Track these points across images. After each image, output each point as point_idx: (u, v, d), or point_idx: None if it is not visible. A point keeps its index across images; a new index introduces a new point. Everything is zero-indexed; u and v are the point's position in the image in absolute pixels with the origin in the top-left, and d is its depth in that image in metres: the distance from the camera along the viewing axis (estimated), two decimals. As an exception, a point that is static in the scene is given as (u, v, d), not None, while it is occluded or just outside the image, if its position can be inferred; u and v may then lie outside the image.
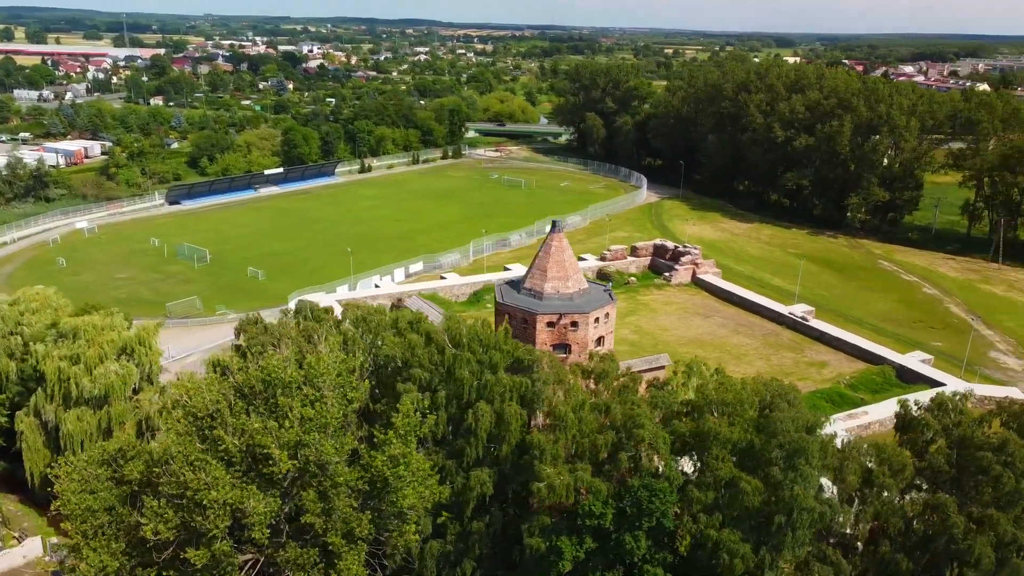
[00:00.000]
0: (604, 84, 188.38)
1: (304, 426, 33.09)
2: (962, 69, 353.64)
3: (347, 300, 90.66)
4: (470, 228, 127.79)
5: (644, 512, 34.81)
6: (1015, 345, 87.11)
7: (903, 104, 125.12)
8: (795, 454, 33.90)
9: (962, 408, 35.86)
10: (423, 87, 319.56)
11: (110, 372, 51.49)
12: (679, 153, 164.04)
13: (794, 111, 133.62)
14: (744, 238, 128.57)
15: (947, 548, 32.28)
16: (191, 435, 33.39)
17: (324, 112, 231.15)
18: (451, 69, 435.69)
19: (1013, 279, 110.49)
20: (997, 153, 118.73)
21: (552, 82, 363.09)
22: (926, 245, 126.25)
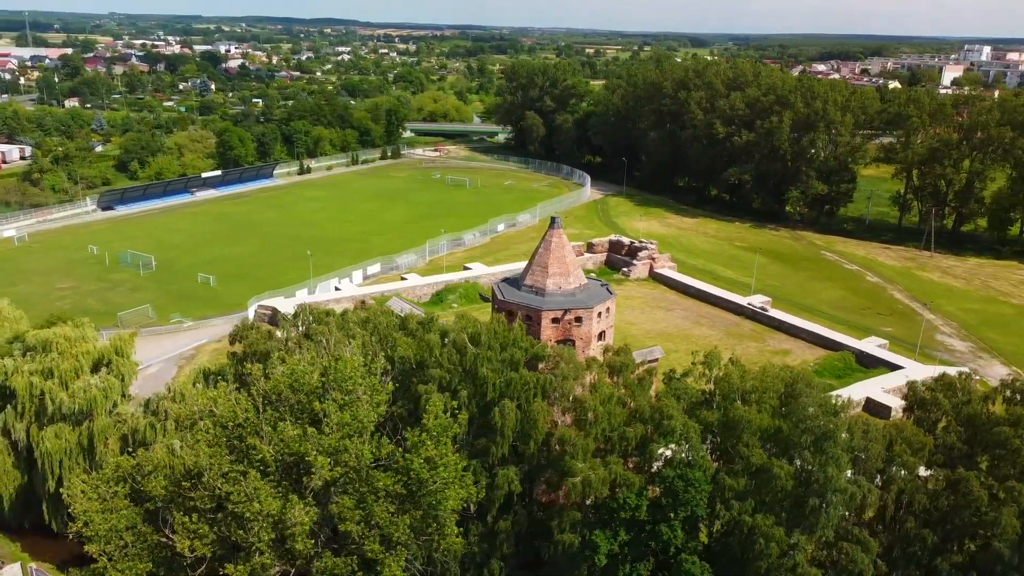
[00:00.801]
0: (542, 83, 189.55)
1: (342, 431, 32.22)
2: (872, 67, 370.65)
3: (310, 304, 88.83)
4: (421, 228, 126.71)
5: (680, 502, 35.19)
6: (958, 328, 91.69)
7: (837, 100, 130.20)
8: (823, 437, 34.86)
9: (969, 387, 37.65)
10: (351, 87, 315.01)
11: (91, 385, 48.86)
12: (620, 150, 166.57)
13: (734, 108, 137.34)
14: (691, 232, 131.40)
15: (970, 521, 33.82)
16: (221, 446, 32.05)
17: (254, 113, 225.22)
18: (376, 69, 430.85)
19: (946, 266, 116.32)
20: (925, 147, 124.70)
21: (480, 81, 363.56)
22: (861, 235, 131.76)
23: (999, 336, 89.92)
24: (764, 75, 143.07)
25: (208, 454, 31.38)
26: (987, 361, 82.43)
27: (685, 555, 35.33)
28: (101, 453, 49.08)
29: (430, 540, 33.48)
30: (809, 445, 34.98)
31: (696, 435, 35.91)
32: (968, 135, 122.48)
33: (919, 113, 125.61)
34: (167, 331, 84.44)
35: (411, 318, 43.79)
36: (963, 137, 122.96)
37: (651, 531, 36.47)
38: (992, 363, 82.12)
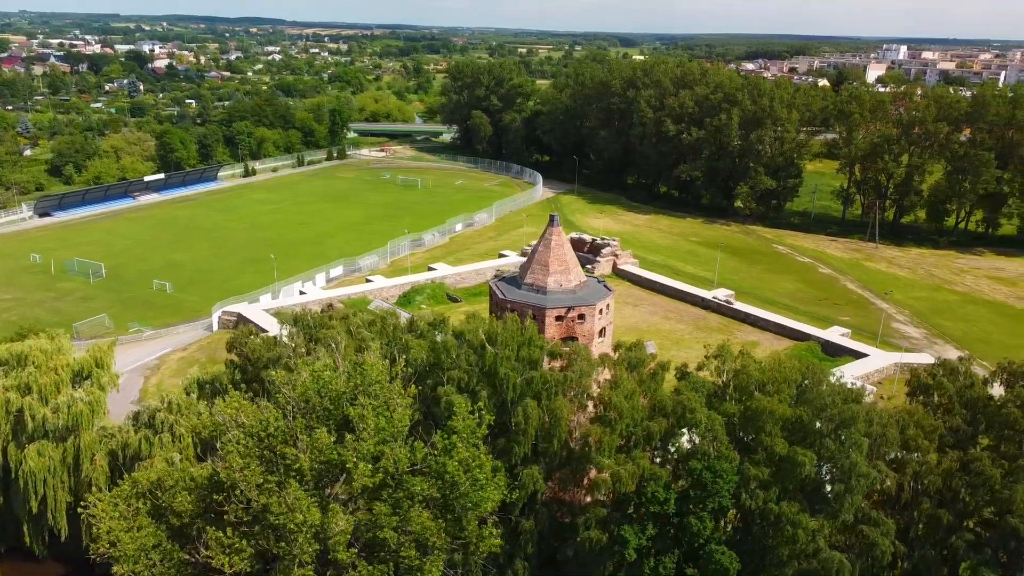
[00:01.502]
0: (487, 82, 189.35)
1: (379, 436, 31.56)
2: (800, 66, 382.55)
3: (276, 309, 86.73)
4: (377, 229, 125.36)
5: (709, 493, 35.64)
6: (910, 316, 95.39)
7: (783, 98, 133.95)
8: (843, 424, 35.80)
9: (970, 372, 39.25)
10: (286, 87, 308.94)
11: (76, 400, 46.58)
12: (569, 148, 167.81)
13: (683, 106, 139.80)
14: (646, 229, 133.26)
15: (984, 499, 35.27)
16: (252, 457, 30.96)
17: (190, 114, 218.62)
18: (309, 69, 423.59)
19: (891, 256, 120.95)
20: (867, 142, 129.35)
21: (419, 81, 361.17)
22: (808, 228, 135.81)
23: (948, 322, 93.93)
24: (711, 73, 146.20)
25: (241, 465, 30.29)
26: (941, 347, 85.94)
27: (714, 546, 35.80)
28: (87, 470, 46.91)
29: (467, 543, 33.04)
30: (830, 432, 35.88)
31: (721, 427, 36.41)
32: (907, 130, 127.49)
33: (860, 110, 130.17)
34: (127, 341, 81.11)
35: (420, 319, 43.12)
36: (902, 132, 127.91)
37: (679, 523, 36.86)
38: (946, 348, 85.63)
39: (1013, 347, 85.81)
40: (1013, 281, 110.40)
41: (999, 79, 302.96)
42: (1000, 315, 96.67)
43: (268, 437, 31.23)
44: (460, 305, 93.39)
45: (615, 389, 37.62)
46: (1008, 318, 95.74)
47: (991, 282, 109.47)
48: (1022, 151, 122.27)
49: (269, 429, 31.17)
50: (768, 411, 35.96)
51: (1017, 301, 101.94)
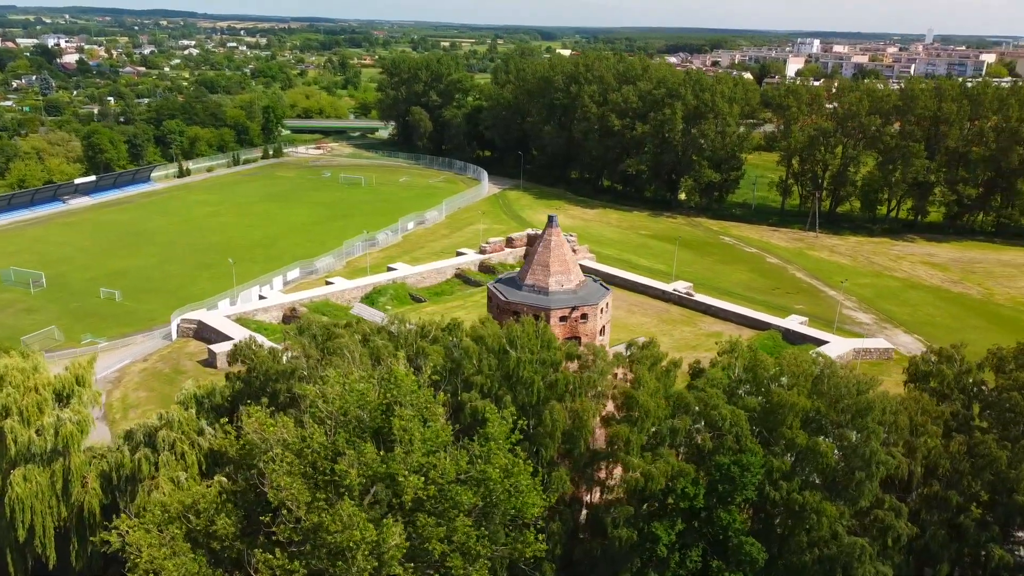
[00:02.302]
0: (426, 78, 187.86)
1: (425, 447, 31.17)
2: (722, 60, 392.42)
3: (237, 315, 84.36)
4: (328, 229, 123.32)
5: (736, 487, 36.53)
6: (858, 302, 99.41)
7: (724, 92, 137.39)
8: (860, 413, 37.21)
9: (965, 359, 41.33)
10: (208, 83, 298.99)
11: (63, 421, 44.24)
12: (512, 144, 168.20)
13: (627, 101, 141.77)
14: (596, 223, 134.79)
15: (990, 480, 37.27)
16: (296, 475, 30.13)
17: (112, 112, 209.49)
18: (230, 64, 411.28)
19: (832, 245, 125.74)
20: (805, 135, 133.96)
21: (346, 76, 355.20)
22: (750, 219, 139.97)
23: (893, 307, 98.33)
24: (653, 69, 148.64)
25: (288, 484, 29.45)
26: (891, 331, 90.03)
27: (744, 538, 36.72)
28: (78, 494, 44.69)
29: (512, 549, 32.99)
30: (848, 422, 37.23)
31: (745, 423, 37.32)
32: (842, 123, 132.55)
33: (798, 104, 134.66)
34: (79, 353, 77.28)
35: (433, 325, 42.62)
36: (838, 125, 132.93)
37: (706, 518, 37.66)
38: (896, 332, 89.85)
39: (957, 330, 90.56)
40: (945, 266, 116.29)
41: (909, 72, 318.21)
42: (940, 299, 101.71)
43: (312, 453, 30.43)
44: (425, 305, 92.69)
45: (639, 388, 38.09)
46: (947, 302, 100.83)
47: (926, 268, 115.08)
48: (948, 142, 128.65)
49: (313, 445, 30.38)
50: (790, 404, 37.04)
51: (952, 285, 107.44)
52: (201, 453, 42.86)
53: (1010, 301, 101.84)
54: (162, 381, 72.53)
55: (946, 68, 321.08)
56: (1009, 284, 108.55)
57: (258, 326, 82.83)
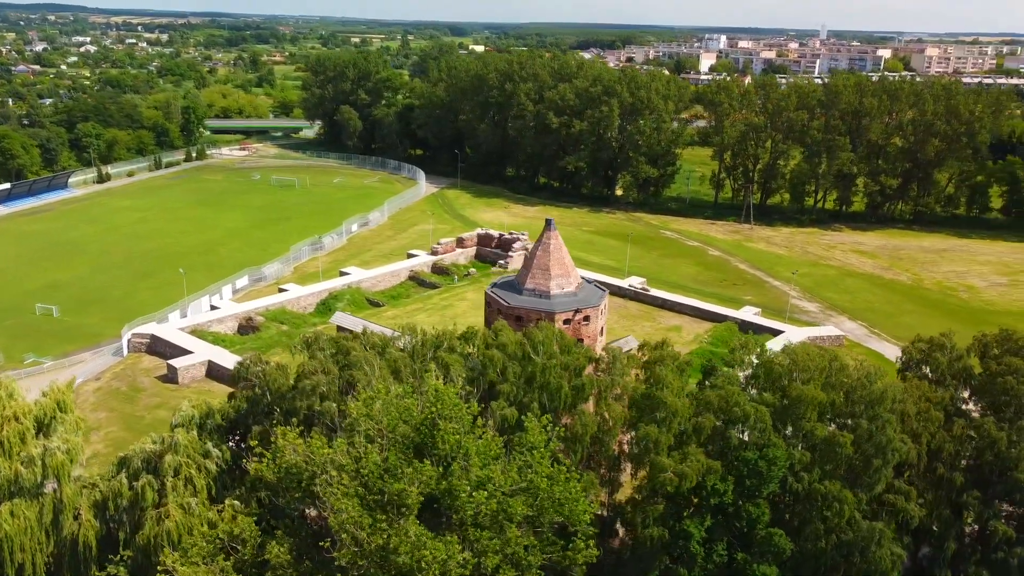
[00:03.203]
0: (353, 76, 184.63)
1: (481, 460, 30.84)
2: (636, 55, 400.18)
3: (192, 327, 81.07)
4: (267, 234, 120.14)
5: (763, 481, 37.62)
6: (801, 292, 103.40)
7: (659, 89, 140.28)
8: (873, 403, 38.87)
9: (956, 347, 43.70)
10: (114, 82, 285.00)
11: (52, 450, 41.66)
12: (446, 142, 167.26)
13: (564, 98, 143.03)
14: (537, 220, 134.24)
15: (991, 459, 39.58)
16: (351, 496, 29.31)
17: (14, 114, 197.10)
18: (132, 61, 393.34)
19: (767, 236, 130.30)
20: (737, 130, 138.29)
21: (260, 74, 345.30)
22: (686, 213, 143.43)
23: (833, 295, 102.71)
24: (587, 67, 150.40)
25: (347, 507, 28.64)
26: (837, 319, 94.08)
27: (772, 529, 37.84)
28: (70, 528, 42.21)
29: (562, 556, 33.00)
30: (863, 412, 38.83)
31: (768, 418, 38.41)
32: (772, 119, 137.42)
33: (729, 100, 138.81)
34: (25, 375, 72.88)
35: (448, 334, 42.03)
36: (768, 121, 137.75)
37: (734, 512, 38.61)
38: (841, 319, 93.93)
39: (894, 315, 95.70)
40: (873, 254, 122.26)
41: (815, 67, 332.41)
42: (874, 286, 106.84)
43: (368, 473, 29.67)
44: (384, 309, 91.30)
45: (663, 389, 38.66)
46: (881, 288, 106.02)
47: (857, 256, 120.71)
48: (869, 135, 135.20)
49: (369, 465, 29.62)
50: (809, 398, 38.34)
51: (884, 272, 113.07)
52: (209, 477, 41.15)
53: (937, 286, 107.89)
54: (121, 400, 69.06)
55: (848, 63, 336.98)
56: (934, 269, 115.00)
57: (215, 338, 79.93)
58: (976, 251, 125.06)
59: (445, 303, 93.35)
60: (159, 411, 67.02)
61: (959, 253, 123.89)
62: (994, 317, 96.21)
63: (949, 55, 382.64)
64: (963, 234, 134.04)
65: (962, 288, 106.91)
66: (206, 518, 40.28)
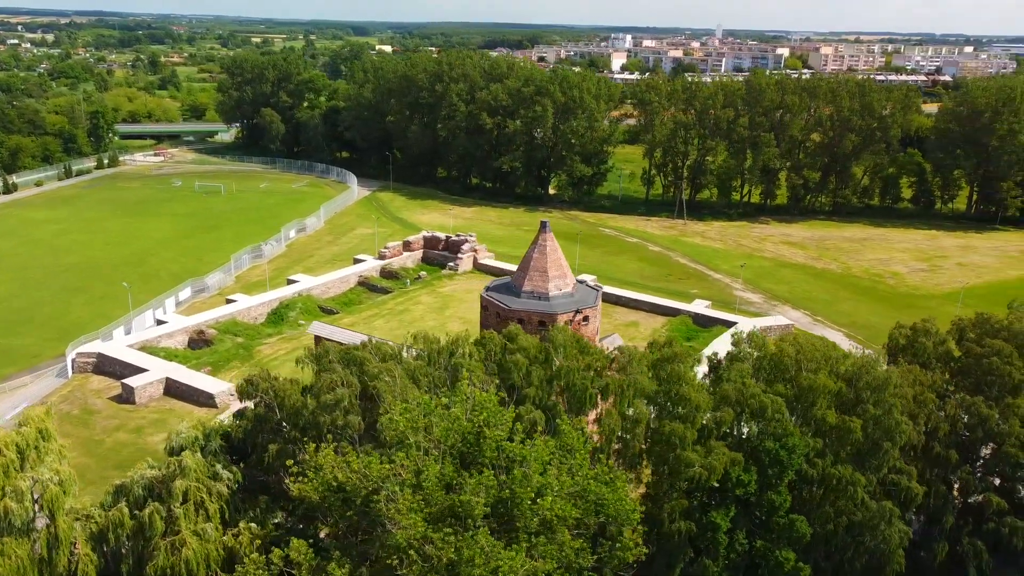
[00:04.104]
0: (273, 77, 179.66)
1: (537, 467, 30.68)
2: (548, 55, 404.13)
3: (140, 343, 77.13)
4: (201, 243, 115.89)
5: (783, 469, 38.88)
6: (744, 283, 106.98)
7: (591, 89, 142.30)
8: (879, 389, 40.72)
9: (939, 332, 46.26)
10: (4, 85, 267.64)
11: (44, 482, 39.02)
12: (375, 144, 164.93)
13: (497, 99, 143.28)
14: (478, 221, 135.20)
15: (982, 436, 42.12)
16: (416, 511, 28.68)
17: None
18: (18, 63, 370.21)
19: (701, 231, 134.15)
20: (667, 128, 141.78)
21: (162, 76, 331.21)
22: (619, 210, 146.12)
23: (773, 285, 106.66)
24: (518, 67, 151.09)
25: (413, 522, 28.02)
26: (781, 307, 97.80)
27: (794, 515, 39.13)
28: (66, 563, 39.62)
29: (611, 556, 33.20)
30: (869, 398, 40.60)
31: (784, 408, 39.67)
32: (700, 117, 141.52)
33: (658, 98, 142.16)
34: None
35: (463, 339, 41.45)
36: (696, 119, 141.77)
37: (756, 501, 39.71)
38: (785, 308, 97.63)
39: (832, 302, 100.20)
40: (802, 245, 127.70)
41: (721, 65, 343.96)
42: (808, 275, 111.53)
43: (430, 487, 29.07)
44: (340, 317, 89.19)
45: (684, 385, 39.37)
46: (815, 277, 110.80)
47: (788, 247, 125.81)
48: (791, 131, 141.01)
49: (430, 477, 29.04)
50: (821, 387, 39.83)
51: (815, 262, 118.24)
52: (221, 500, 39.34)
53: (865, 273, 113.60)
54: (75, 424, 65.07)
55: (751, 61, 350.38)
56: (859, 257, 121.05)
57: (167, 353, 76.32)
58: (893, 239, 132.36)
59: (401, 307, 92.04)
60: (119, 434, 63.63)
61: (879, 242, 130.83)
62: (921, 301, 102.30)
63: (842, 53, 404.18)
64: (878, 223, 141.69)
65: (888, 275, 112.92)
66: (221, 543, 38.66)
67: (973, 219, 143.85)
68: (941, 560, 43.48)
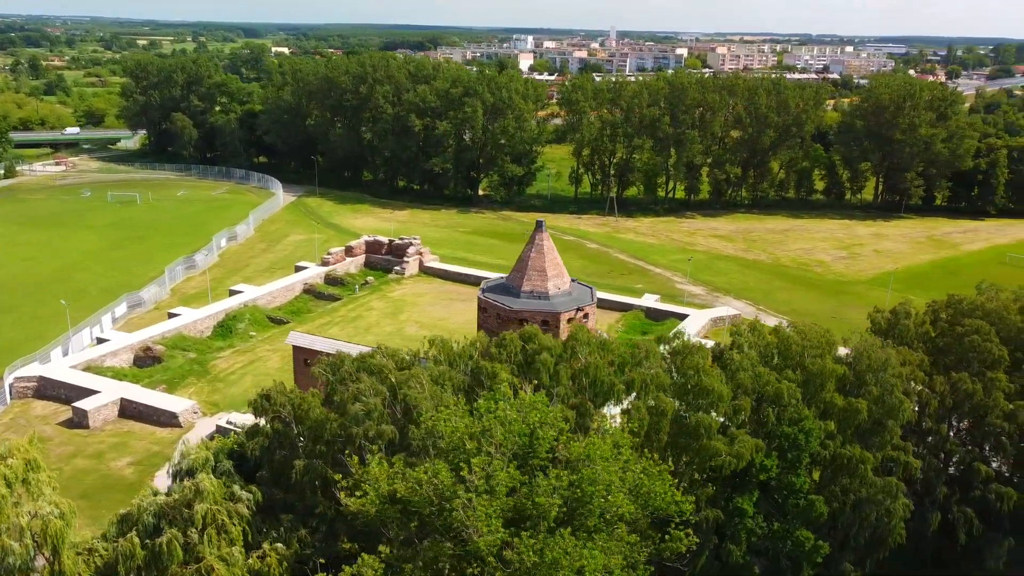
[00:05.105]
0: (182, 81, 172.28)
1: (602, 464, 30.75)
2: (455, 56, 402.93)
3: (84, 364, 72.55)
4: (128, 255, 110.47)
5: (801, 452, 40.37)
6: (683, 276, 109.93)
7: (519, 89, 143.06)
8: (879, 370, 42.78)
9: (920, 314, 48.99)
10: None
11: (44, 516, 36.30)
12: (296, 148, 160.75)
13: (425, 100, 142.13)
14: (413, 224, 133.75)
15: (967, 409, 44.92)
16: (495, 516, 28.26)
17: None
18: None
19: (633, 227, 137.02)
20: (594, 127, 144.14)
21: (47, 80, 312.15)
22: (550, 209, 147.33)
23: (712, 278, 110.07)
24: (444, 68, 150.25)
25: (496, 527, 27.64)
26: (724, 298, 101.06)
27: (813, 496, 40.63)
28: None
29: (663, 548, 33.59)
30: (872, 380, 42.59)
31: (798, 394, 41.09)
32: (627, 115, 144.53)
33: (586, 98, 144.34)
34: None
35: (479, 343, 40.94)
36: (623, 117, 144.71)
37: (775, 485, 41.00)
38: (728, 299, 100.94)
39: (769, 291, 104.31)
40: (730, 237, 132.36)
41: (625, 65, 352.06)
42: (742, 267, 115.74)
43: (501, 490, 28.71)
44: (292, 326, 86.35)
45: (704, 376, 40.23)
46: (749, 268, 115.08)
47: (717, 240, 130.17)
48: (712, 128, 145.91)
49: (503, 480, 28.68)
50: (829, 371, 41.54)
51: (745, 253, 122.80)
52: (244, 522, 37.53)
53: (793, 263, 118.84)
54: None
55: (653, 61, 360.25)
56: (785, 248, 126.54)
57: (114, 373, 72.18)
58: (812, 229, 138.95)
59: (353, 314, 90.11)
60: (77, 460, 59.72)
61: (799, 232, 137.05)
62: (850, 287, 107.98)
63: (737, 53, 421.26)
64: (795, 214, 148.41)
65: (814, 263, 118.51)
66: (247, 567, 37.00)
67: (880, 208, 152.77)
68: (934, 529, 46.02)
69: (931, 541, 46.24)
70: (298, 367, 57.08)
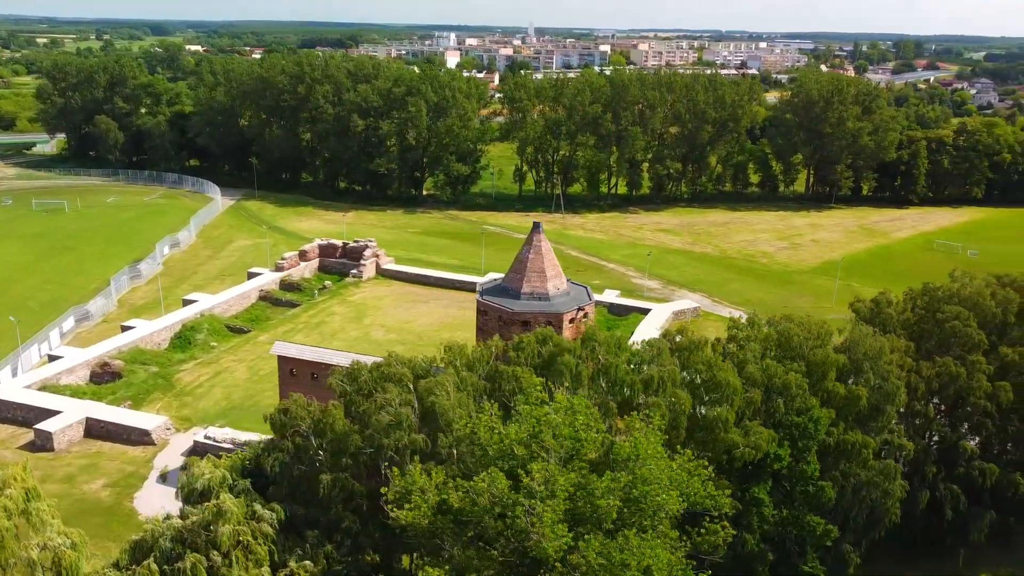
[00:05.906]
0: (105, 82, 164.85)
1: (652, 463, 31.13)
2: (378, 54, 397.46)
3: (40, 383, 68.83)
4: (61, 266, 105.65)
5: (811, 439, 41.78)
6: (635, 270, 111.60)
7: (462, 88, 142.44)
8: (875, 358, 44.61)
9: (900, 302, 51.21)
10: None
11: (57, 548, 34.51)
12: (231, 150, 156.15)
13: (367, 100, 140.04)
14: (360, 225, 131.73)
15: (952, 393, 47.27)
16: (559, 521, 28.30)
17: None
18: None
19: (580, 223, 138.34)
20: (539, 125, 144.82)
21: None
22: (496, 207, 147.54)
23: (664, 271, 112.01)
24: (385, 67, 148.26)
25: (563, 531, 27.74)
26: (680, 291, 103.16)
27: (823, 482, 42.05)
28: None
29: (703, 541, 34.23)
30: (869, 369, 44.35)
31: (805, 384, 42.44)
32: (570, 113, 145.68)
33: (528, 96, 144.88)
34: None
35: (495, 347, 40.70)
36: (567, 115, 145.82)
37: (786, 473, 42.27)
38: (683, 292, 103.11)
39: (722, 283, 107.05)
40: (675, 231, 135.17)
41: (552, 62, 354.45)
42: (692, 260, 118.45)
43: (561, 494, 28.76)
44: (254, 335, 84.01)
45: (718, 371, 41.15)
46: (698, 261, 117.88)
47: (664, 234, 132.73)
48: (653, 124, 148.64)
49: (563, 484, 28.75)
50: (831, 361, 43.07)
51: (692, 247, 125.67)
52: (269, 541, 36.40)
53: (740, 254, 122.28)
54: None
55: (579, 58, 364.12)
56: (730, 240, 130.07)
57: (73, 391, 68.80)
58: (751, 222, 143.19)
59: (316, 320, 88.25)
60: (47, 485, 56.30)
61: (739, 225, 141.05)
62: (796, 276, 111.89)
63: (659, 50, 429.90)
64: (733, 208, 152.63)
65: (759, 255, 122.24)
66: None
67: (812, 199, 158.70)
68: (923, 507, 48.29)
69: (920, 519, 48.44)
70: (284, 378, 55.51)
